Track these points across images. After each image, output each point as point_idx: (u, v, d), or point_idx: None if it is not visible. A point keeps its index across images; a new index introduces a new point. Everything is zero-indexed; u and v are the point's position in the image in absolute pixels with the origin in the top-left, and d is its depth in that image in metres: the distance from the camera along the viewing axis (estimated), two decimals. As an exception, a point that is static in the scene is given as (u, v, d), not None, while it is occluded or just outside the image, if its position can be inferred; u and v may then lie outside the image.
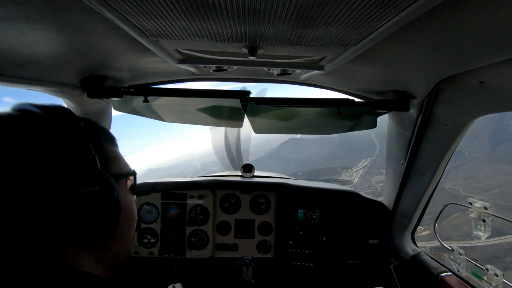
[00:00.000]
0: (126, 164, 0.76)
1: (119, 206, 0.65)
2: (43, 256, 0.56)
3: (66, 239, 0.58)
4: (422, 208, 1.98)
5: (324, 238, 2.45)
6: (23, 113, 0.60)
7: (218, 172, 2.73)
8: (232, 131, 4.39)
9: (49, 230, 0.56)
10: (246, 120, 2.25)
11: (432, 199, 1.93)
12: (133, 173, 0.77)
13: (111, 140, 0.75)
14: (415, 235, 2.19)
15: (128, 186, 0.76)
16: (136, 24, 0.88)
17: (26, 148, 0.55)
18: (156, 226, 2.45)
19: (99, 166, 0.62)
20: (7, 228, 0.53)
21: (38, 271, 0.54)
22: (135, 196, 0.80)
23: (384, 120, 2.04)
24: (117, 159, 0.73)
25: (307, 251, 2.45)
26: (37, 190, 0.54)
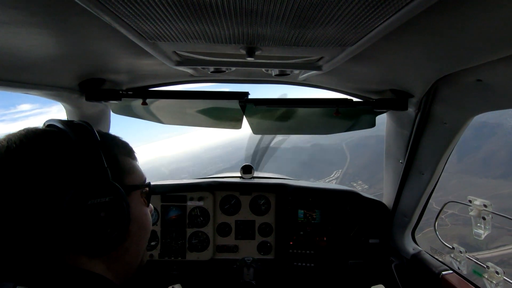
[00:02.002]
0: (141, 176, 0.79)
1: (128, 217, 0.67)
2: (55, 260, 0.60)
3: (77, 247, 0.61)
4: (422, 206, 1.98)
5: (325, 238, 2.45)
6: (48, 129, 0.68)
7: (188, 179, 2.72)
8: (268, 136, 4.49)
9: (62, 237, 0.59)
10: (244, 121, 2.25)
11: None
12: (148, 185, 0.80)
13: (129, 153, 0.78)
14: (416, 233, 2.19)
15: (142, 197, 0.78)
16: (134, 27, 0.88)
17: (44, 160, 0.60)
18: (156, 229, 2.45)
19: (110, 178, 0.65)
20: (20, 232, 0.57)
21: (51, 272, 0.58)
22: (151, 206, 0.83)
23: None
24: (132, 171, 0.76)
25: (307, 252, 2.45)
26: (49, 199, 0.58)
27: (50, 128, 0.68)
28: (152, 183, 2.65)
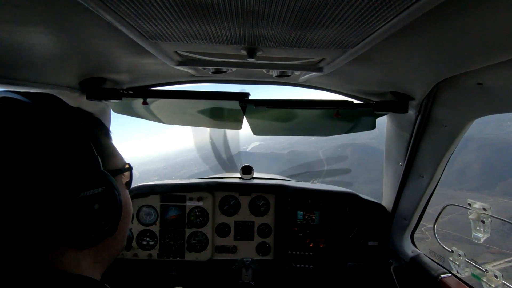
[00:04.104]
0: (121, 158, 0.73)
1: (120, 208, 0.64)
2: (39, 258, 0.55)
3: (67, 241, 0.57)
4: (421, 209, 1.98)
5: (324, 240, 2.44)
6: (4, 103, 0.55)
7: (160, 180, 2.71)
8: (217, 133, 4.34)
9: (49, 232, 0.55)
10: (244, 122, 2.25)
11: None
12: (129, 168, 0.75)
13: (107, 133, 0.71)
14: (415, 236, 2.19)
15: (124, 181, 0.73)
16: (135, 26, 0.88)
17: (25, 146, 0.51)
18: (155, 228, 2.45)
19: (101, 167, 0.59)
20: (4, 229, 0.52)
21: (33, 275, 0.53)
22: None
23: (335, 137, 2.07)
24: (114, 153, 0.70)
25: (306, 253, 2.45)
26: (35, 191, 0.52)
27: (7, 103, 0.55)
28: (151, 183, 2.64)
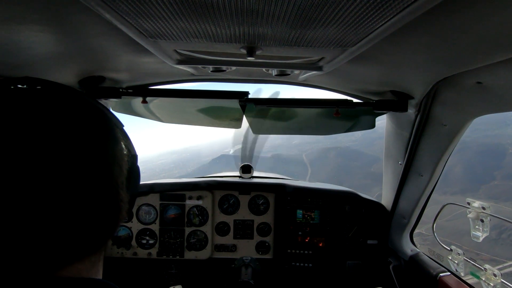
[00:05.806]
0: None
1: None
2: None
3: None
4: (421, 208, 1.98)
5: (323, 239, 2.45)
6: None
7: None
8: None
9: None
10: (244, 121, 2.25)
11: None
12: None
13: None
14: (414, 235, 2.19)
15: None
16: (135, 25, 0.88)
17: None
18: (155, 227, 2.45)
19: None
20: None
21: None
22: None
23: (318, 140, 2.05)
24: None
25: (306, 252, 2.45)
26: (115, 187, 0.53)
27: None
28: (150, 182, 2.64)
